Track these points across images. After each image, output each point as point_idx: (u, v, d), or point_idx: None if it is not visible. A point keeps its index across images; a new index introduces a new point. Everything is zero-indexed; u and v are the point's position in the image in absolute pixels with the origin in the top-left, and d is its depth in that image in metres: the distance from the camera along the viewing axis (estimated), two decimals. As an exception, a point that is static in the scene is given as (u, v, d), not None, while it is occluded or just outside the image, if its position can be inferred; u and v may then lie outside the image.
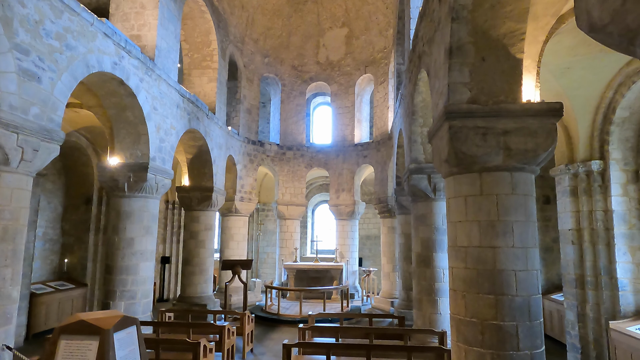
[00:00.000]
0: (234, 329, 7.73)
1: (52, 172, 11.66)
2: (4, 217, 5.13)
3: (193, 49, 12.48)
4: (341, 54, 15.94)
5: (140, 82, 8.02)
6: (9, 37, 5.03)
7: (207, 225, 12.13)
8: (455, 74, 4.37)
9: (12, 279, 5.26)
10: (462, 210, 4.43)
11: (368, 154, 14.86)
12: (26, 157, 5.34)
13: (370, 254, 17.79)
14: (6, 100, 5.03)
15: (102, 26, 6.81)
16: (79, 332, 2.57)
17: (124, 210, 8.40)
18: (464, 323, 4.30)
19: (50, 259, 11.64)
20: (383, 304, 13.03)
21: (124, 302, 8.17)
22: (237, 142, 14.27)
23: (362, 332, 7.18)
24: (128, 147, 8.45)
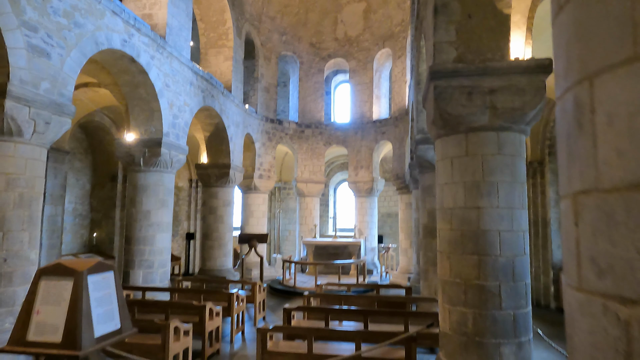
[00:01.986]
0: (244, 297, 8.01)
1: (80, 150, 12.28)
2: (20, 185, 5.52)
3: (209, 28, 12.65)
4: (359, 29, 15.71)
5: (151, 59, 8.26)
6: (16, 14, 5.31)
7: (225, 201, 12.48)
8: (441, 33, 4.29)
9: (30, 243, 5.67)
10: (449, 171, 4.39)
11: (386, 130, 14.72)
12: (38, 130, 5.68)
13: (390, 231, 17.77)
14: (17, 74, 5.34)
15: (110, 4, 7.04)
16: (57, 274, 2.81)
17: (141, 184, 8.78)
18: (449, 284, 4.32)
19: (81, 233, 12.36)
20: (400, 279, 13.08)
21: (142, 271, 8.62)
22: (255, 120, 14.47)
23: (366, 300, 7.29)
24: (142, 123, 8.77)
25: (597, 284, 1.04)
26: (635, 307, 0.92)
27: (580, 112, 1.10)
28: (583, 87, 1.09)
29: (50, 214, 10.24)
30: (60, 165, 10.60)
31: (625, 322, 0.95)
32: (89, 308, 2.78)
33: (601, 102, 1.03)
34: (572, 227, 1.15)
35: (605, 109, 1.02)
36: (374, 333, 5.01)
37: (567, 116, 1.18)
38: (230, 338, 7.48)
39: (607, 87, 1.02)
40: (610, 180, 1.00)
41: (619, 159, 0.97)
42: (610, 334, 0.98)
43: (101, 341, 2.84)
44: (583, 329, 1.10)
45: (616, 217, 0.98)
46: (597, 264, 1.04)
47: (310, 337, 4.93)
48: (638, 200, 0.93)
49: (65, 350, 2.64)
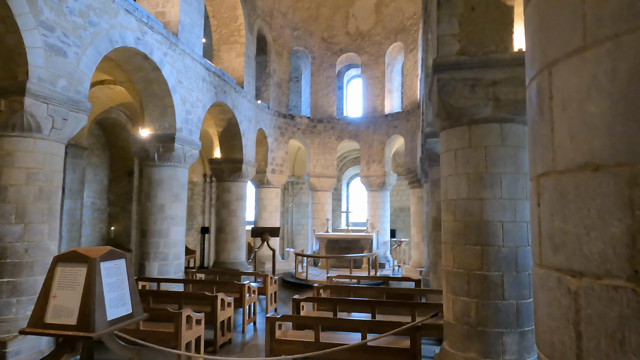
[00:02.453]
0: (255, 288, 8.18)
1: (97, 146, 12.62)
2: (39, 179, 5.76)
3: (221, 24, 12.81)
4: (371, 23, 15.68)
5: (164, 56, 8.44)
6: (34, 14, 5.52)
7: (238, 195, 12.68)
8: (444, 26, 4.32)
9: (49, 234, 5.92)
10: (452, 163, 4.44)
11: (398, 124, 14.70)
12: (56, 126, 5.90)
13: (403, 225, 17.76)
14: (35, 73, 5.56)
15: (124, 3, 7.23)
16: (72, 260, 2.98)
17: (155, 179, 9.01)
18: (452, 274, 4.38)
19: (99, 226, 12.72)
20: (412, 273, 13.10)
21: (157, 263, 8.87)
22: (268, 115, 14.61)
23: (375, 292, 7.37)
24: (156, 119, 8.99)
25: (553, 259, 1.11)
26: (583, 278, 1.00)
27: (541, 100, 1.17)
28: (543, 75, 1.16)
29: (69, 208, 10.59)
30: (79, 160, 10.93)
31: (574, 293, 1.02)
32: (101, 293, 2.94)
33: (558, 89, 1.10)
34: (535, 208, 1.23)
35: (561, 96, 1.09)
36: (380, 323, 5.10)
37: (532, 104, 1.25)
38: (242, 328, 7.67)
39: (562, 75, 1.09)
40: (564, 162, 1.07)
41: (571, 142, 1.05)
42: (563, 305, 1.06)
43: (113, 324, 3.00)
44: (542, 301, 1.17)
45: (568, 196, 1.05)
46: (553, 241, 1.11)
47: (317, 326, 5.05)
48: (585, 180, 1.00)
49: (80, 332, 2.80)
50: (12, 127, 5.50)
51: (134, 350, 3.23)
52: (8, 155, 5.56)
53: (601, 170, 0.96)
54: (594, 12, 0.99)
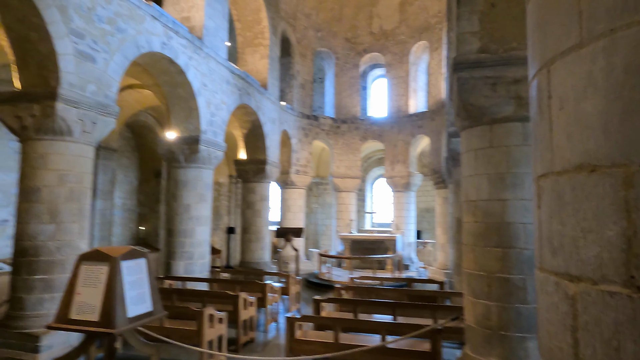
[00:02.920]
0: (278, 288, 8.25)
1: (127, 148, 13.03)
2: (70, 180, 6.00)
3: (245, 27, 12.99)
4: (395, 22, 15.54)
5: (188, 60, 8.64)
6: (65, 23, 5.77)
7: (262, 196, 12.81)
8: (464, 24, 4.24)
9: (80, 233, 6.16)
10: (473, 164, 4.35)
11: (423, 124, 14.51)
12: (86, 129, 6.14)
13: (429, 226, 17.50)
14: (66, 78, 5.81)
15: (150, 9, 7.44)
16: (94, 259, 3.10)
17: (181, 180, 9.23)
18: (473, 277, 4.29)
19: (129, 226, 13.13)
20: (438, 275, 12.90)
21: (183, 262, 9.07)
22: (291, 116, 14.71)
23: (397, 293, 7.30)
24: (182, 122, 9.20)
25: (551, 262, 1.08)
26: (580, 283, 0.97)
27: (541, 99, 1.14)
28: (542, 74, 1.13)
29: (101, 208, 10.98)
30: (110, 162, 11.33)
31: (572, 298, 0.99)
32: (122, 291, 3.04)
33: (555, 88, 1.07)
34: (536, 210, 1.19)
35: (559, 95, 1.06)
36: (400, 325, 5.05)
37: (533, 103, 1.22)
38: (265, 327, 7.75)
39: (559, 74, 1.05)
40: (562, 163, 1.04)
41: (567, 142, 1.01)
42: (560, 310, 1.03)
43: (134, 321, 3.10)
44: (542, 306, 1.14)
45: (565, 198, 1.02)
46: (552, 244, 1.08)
47: (336, 327, 5.05)
48: (581, 181, 0.97)
49: (102, 328, 2.91)
50: (45, 130, 5.76)
51: (154, 347, 3.32)
52: (41, 157, 5.82)
53: (597, 171, 0.93)
54: (590, 8, 0.95)
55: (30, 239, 5.73)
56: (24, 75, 5.84)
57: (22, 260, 5.72)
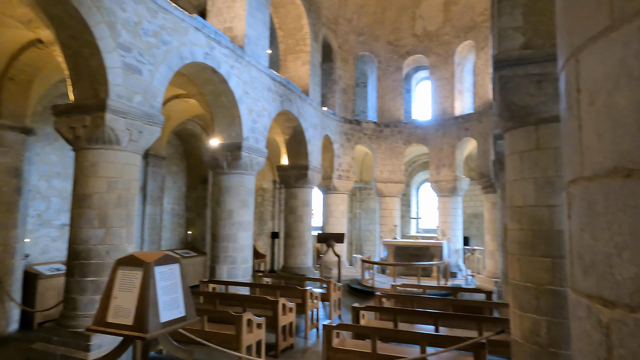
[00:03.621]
0: (318, 294, 8.18)
1: (176, 156, 13.55)
2: (118, 187, 6.29)
3: (287, 35, 13.15)
4: (439, 22, 15.13)
5: (230, 69, 8.84)
6: (113, 38, 6.07)
7: (304, 201, 12.85)
8: (506, 19, 3.99)
9: (127, 238, 6.43)
10: (517, 167, 4.07)
11: (469, 126, 13.97)
12: (133, 138, 6.42)
13: (477, 232, 16.78)
14: (114, 90, 6.11)
15: (193, 21, 7.70)
16: (130, 264, 3.18)
17: (224, 186, 9.44)
18: (519, 288, 4.00)
19: (178, 230, 13.62)
20: (487, 284, 12.31)
21: (226, 266, 9.25)
22: (333, 121, 14.68)
23: (441, 303, 7.02)
24: (225, 129, 9.42)
25: (583, 283, 0.93)
26: (615, 309, 0.82)
27: (569, 93, 1.00)
28: (570, 64, 0.99)
29: (151, 213, 11.47)
30: (159, 169, 11.82)
31: (605, 327, 0.84)
32: (155, 296, 3.10)
33: (585, 80, 0.93)
34: (567, 220, 1.04)
35: (588, 87, 0.91)
36: (441, 337, 4.82)
37: (562, 98, 1.07)
38: (305, 334, 7.71)
39: (588, 63, 0.91)
40: (592, 166, 0.89)
41: (598, 142, 0.87)
42: (593, 339, 0.88)
43: (166, 326, 3.14)
44: (574, 333, 0.99)
45: (597, 207, 0.87)
46: (583, 261, 0.93)
47: (374, 336, 4.90)
48: (615, 187, 0.82)
49: (135, 332, 2.97)
50: (96, 140, 6.08)
51: (187, 351, 3.36)
52: (92, 165, 6.15)
53: (633, 176, 0.78)
54: (622, -16, 0.81)
55: (83, 243, 6.05)
56: (76, 88, 6.21)
57: (75, 262, 6.05)
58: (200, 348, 5.92)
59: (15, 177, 7.67)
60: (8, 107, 7.53)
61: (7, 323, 7.56)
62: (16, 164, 7.68)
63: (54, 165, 9.59)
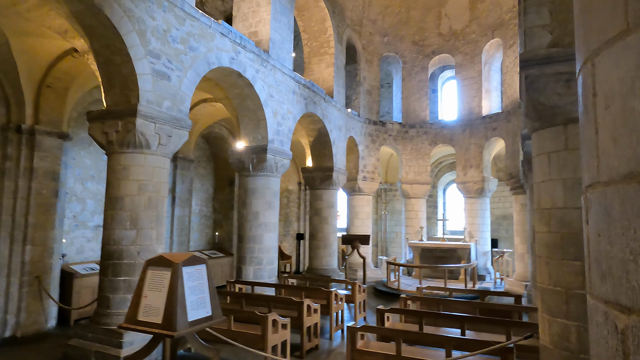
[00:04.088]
0: (343, 296, 8.19)
1: (203, 159, 13.84)
2: (148, 189, 6.49)
3: (311, 38, 13.24)
4: (465, 21, 14.88)
5: (256, 73, 8.98)
6: (143, 45, 6.29)
7: (329, 203, 12.88)
8: (532, 17, 3.91)
9: (157, 238, 6.63)
10: (545, 168, 3.97)
11: (497, 125, 13.67)
12: (162, 142, 6.62)
13: (507, 234, 16.37)
14: (144, 96, 6.32)
15: (219, 27, 7.87)
16: (159, 265, 3.30)
17: (250, 188, 9.59)
18: (548, 292, 3.90)
19: (205, 232, 13.90)
20: (516, 287, 11.99)
21: (253, 267, 9.39)
22: (358, 123, 14.66)
23: (468, 306, 6.90)
24: (250, 132, 9.57)
25: (600, 288, 0.93)
26: (631, 315, 0.81)
27: (586, 97, 0.99)
28: (587, 68, 0.98)
29: (179, 214, 11.77)
30: (187, 172, 12.12)
31: (622, 333, 0.84)
32: (183, 295, 3.20)
33: (601, 84, 0.92)
34: (585, 225, 1.04)
35: (604, 91, 0.91)
36: (467, 340, 4.75)
37: (580, 102, 1.07)
38: (330, 335, 7.73)
39: (604, 67, 0.91)
40: (608, 171, 0.89)
41: (614, 147, 0.87)
42: (610, 345, 0.87)
43: (194, 325, 3.24)
44: (592, 338, 0.98)
45: (613, 213, 0.87)
46: (600, 266, 0.93)
47: (398, 339, 4.88)
48: (630, 193, 0.82)
49: (164, 331, 3.08)
50: (127, 144, 6.31)
51: (214, 350, 3.45)
52: (124, 169, 6.38)
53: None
54: (636, -12, 0.80)
55: (115, 244, 6.28)
56: (109, 94, 6.46)
57: (108, 262, 6.29)
58: (227, 347, 6.04)
59: (53, 180, 8.04)
60: (46, 113, 7.90)
61: (46, 320, 7.92)
62: (54, 167, 8.04)
63: (88, 168, 9.99)
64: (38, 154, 7.79)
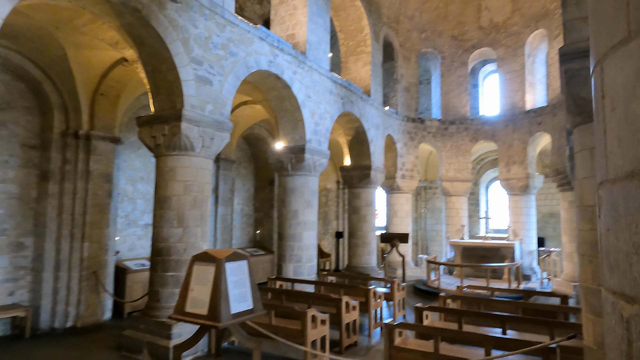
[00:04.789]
0: (381, 294, 8.24)
1: (244, 159, 14.26)
2: (193, 190, 6.83)
3: (348, 37, 13.30)
4: (507, 13, 14.41)
5: (293, 74, 9.18)
6: (187, 53, 6.62)
7: (368, 201, 12.91)
8: (572, 9, 3.82)
9: (202, 236, 6.97)
10: (588, 164, 3.86)
11: (542, 120, 13.15)
12: (205, 144, 6.94)
13: (554, 233, 15.70)
14: (188, 101, 6.65)
15: (257, 32, 8.12)
16: (204, 260, 3.52)
17: (289, 187, 9.81)
18: (591, 292, 3.79)
19: (247, 230, 14.32)
20: (565, 288, 11.52)
21: (292, 265, 9.61)
22: (396, 121, 14.58)
23: (510, 306, 6.76)
24: (289, 133, 9.79)
25: (609, 280, 0.98)
26: (635, 305, 0.87)
27: (596, 99, 1.04)
28: (597, 71, 1.03)
29: (222, 213, 12.22)
30: (229, 172, 12.55)
31: (626, 322, 0.89)
32: (226, 289, 3.40)
33: (608, 87, 0.98)
34: (598, 221, 1.08)
35: (610, 94, 0.96)
36: (507, 340, 4.69)
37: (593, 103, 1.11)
38: (369, 332, 7.80)
39: (610, 71, 0.96)
40: (614, 170, 0.94)
41: (619, 146, 0.92)
42: (617, 333, 0.93)
43: (236, 317, 3.43)
44: (605, 328, 1.03)
45: (619, 209, 0.92)
46: (609, 259, 0.98)
47: (436, 336, 4.89)
48: (632, 190, 0.87)
49: (209, 322, 3.29)
50: (173, 147, 6.67)
51: (255, 342, 3.63)
52: (171, 170, 6.75)
53: (648, 179, 0.83)
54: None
55: (163, 241, 6.67)
56: (156, 100, 6.86)
57: (157, 259, 6.68)
58: (268, 341, 6.26)
59: (107, 182, 8.61)
60: (100, 119, 8.47)
61: (102, 312, 8.51)
62: (107, 170, 8.61)
63: (138, 170, 10.58)
64: (93, 157, 8.37)
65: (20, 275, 7.84)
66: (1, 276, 7.60)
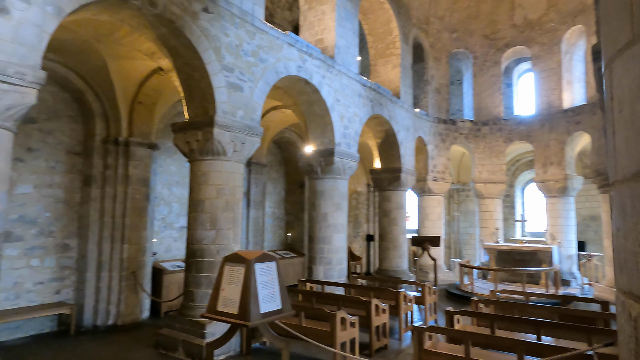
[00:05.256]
0: (412, 297, 8.17)
1: (275, 163, 14.49)
2: (225, 193, 7.04)
3: (377, 40, 13.30)
4: (541, 9, 13.99)
5: (322, 79, 9.28)
6: (219, 60, 6.85)
7: (398, 204, 12.82)
8: (605, 5, 3.71)
9: (234, 238, 7.15)
10: (624, 165, 3.73)
11: (581, 119, 12.66)
12: (237, 149, 7.14)
13: (596, 237, 15.02)
14: (220, 107, 6.87)
15: (286, 38, 8.28)
16: (235, 261, 3.64)
17: (318, 190, 9.90)
18: (629, 297, 3.65)
19: (278, 233, 14.52)
20: (607, 294, 11.01)
21: (322, 267, 9.68)
22: (427, 122, 14.42)
23: (546, 311, 6.57)
24: (318, 136, 9.89)
25: (619, 279, 0.99)
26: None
27: (607, 101, 1.06)
28: (606, 73, 1.05)
29: (254, 216, 12.46)
30: (260, 176, 12.79)
31: (634, 320, 0.90)
32: (256, 289, 3.51)
33: (615, 89, 0.99)
34: (611, 221, 1.09)
35: (618, 96, 0.98)
36: (541, 345, 4.57)
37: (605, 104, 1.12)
38: (399, 335, 7.76)
39: (618, 73, 0.98)
40: (622, 170, 0.96)
41: (626, 147, 0.94)
42: (626, 332, 0.94)
43: (266, 317, 3.54)
44: (617, 327, 1.04)
45: (626, 209, 0.94)
46: (619, 259, 0.99)
47: (467, 341, 4.83)
48: (638, 191, 0.88)
49: (239, 321, 3.41)
50: (206, 152, 6.90)
51: (284, 342, 3.72)
52: (204, 175, 6.98)
53: (651, 180, 0.84)
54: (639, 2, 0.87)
55: (197, 243, 6.90)
56: (190, 107, 7.12)
57: (192, 260, 6.92)
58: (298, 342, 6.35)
59: (145, 186, 8.98)
60: (138, 126, 8.86)
61: (141, 311, 8.87)
62: (145, 175, 8.99)
63: (173, 175, 10.97)
64: (132, 162, 8.76)
65: (65, 275, 8.30)
66: (49, 275, 8.07)
